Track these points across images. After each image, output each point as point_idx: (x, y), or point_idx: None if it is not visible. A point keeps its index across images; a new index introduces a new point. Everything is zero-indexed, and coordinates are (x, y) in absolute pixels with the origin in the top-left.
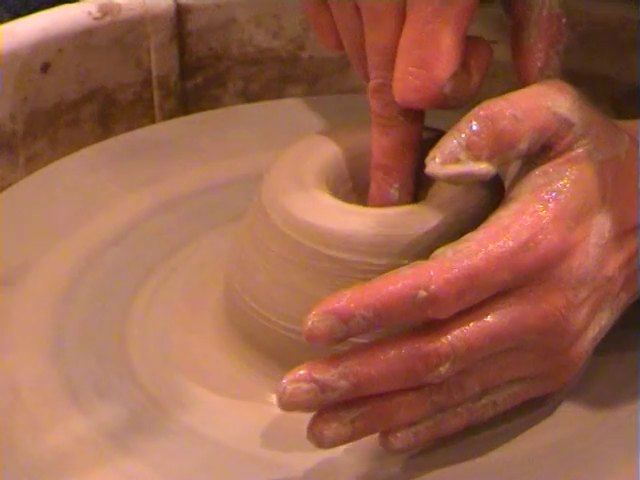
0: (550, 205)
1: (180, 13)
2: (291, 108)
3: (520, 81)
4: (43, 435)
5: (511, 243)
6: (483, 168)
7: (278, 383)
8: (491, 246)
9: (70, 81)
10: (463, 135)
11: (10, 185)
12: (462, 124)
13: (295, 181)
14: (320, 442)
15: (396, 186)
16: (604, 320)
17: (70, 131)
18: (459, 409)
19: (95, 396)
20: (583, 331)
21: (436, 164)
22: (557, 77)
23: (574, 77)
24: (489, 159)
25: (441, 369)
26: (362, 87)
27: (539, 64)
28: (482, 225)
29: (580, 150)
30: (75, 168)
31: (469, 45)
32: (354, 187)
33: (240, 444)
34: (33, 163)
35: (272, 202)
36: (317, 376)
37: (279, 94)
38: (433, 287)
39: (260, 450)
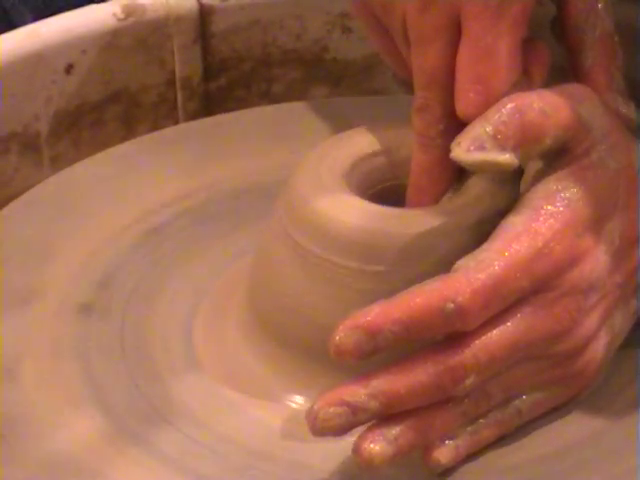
0: (563, 212)
1: (204, 14)
2: (315, 110)
3: None
4: (61, 433)
5: (527, 250)
6: (507, 158)
7: (309, 409)
8: (508, 254)
9: (94, 82)
10: (491, 123)
11: (34, 185)
12: (490, 113)
13: (320, 184)
14: (370, 463)
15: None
16: (616, 327)
17: (94, 132)
18: (489, 420)
19: (116, 395)
20: (594, 336)
21: (461, 149)
22: (624, 92)
23: None
24: (514, 150)
25: (467, 381)
26: (385, 88)
27: (604, 81)
28: (497, 232)
29: (595, 156)
30: (99, 168)
31: (527, 50)
32: (380, 188)
33: (261, 443)
34: (57, 163)
35: (299, 205)
36: (348, 399)
37: (302, 96)
38: (460, 299)
39: (279, 449)
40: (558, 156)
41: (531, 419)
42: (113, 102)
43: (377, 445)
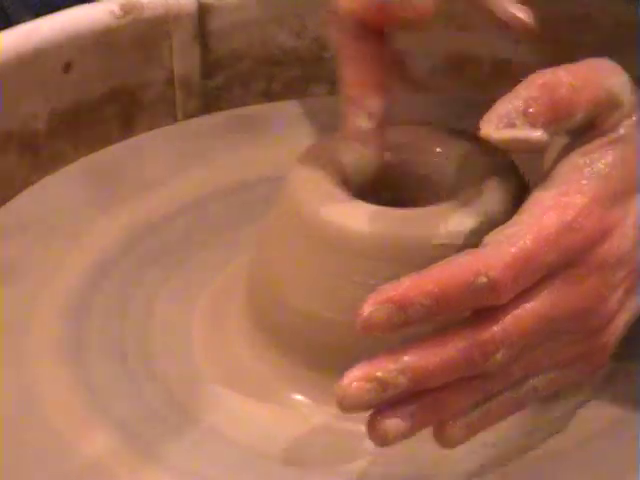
0: (590, 185)
1: (202, 12)
2: (313, 108)
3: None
4: (67, 446)
5: (557, 224)
6: (538, 135)
7: (336, 384)
8: (538, 228)
9: (92, 80)
10: (521, 100)
11: (32, 184)
12: (520, 90)
13: (318, 182)
14: (384, 440)
15: (364, 116)
16: (634, 304)
17: (92, 130)
18: (503, 397)
19: (118, 400)
20: (617, 313)
21: (490, 127)
22: None
23: None
24: (545, 127)
25: (497, 356)
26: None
27: None
28: (525, 206)
29: (623, 131)
30: (95, 167)
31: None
32: (378, 187)
33: (267, 447)
34: (55, 162)
35: (302, 211)
36: (379, 374)
37: (301, 94)
38: (492, 273)
39: (285, 452)
40: (585, 130)
41: (545, 395)
42: (111, 100)
43: (392, 421)
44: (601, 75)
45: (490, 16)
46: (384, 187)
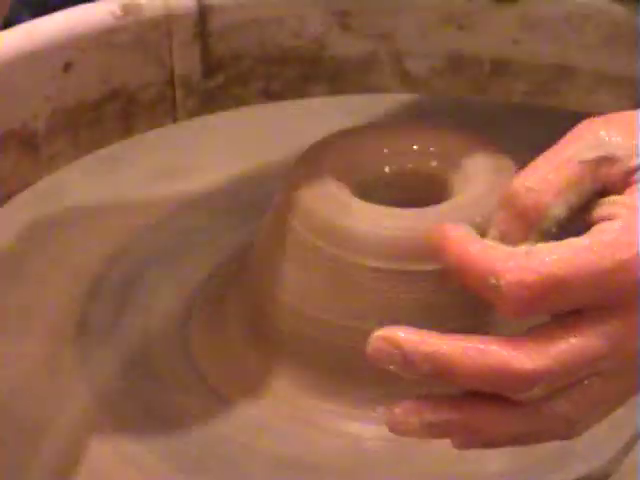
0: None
1: (203, 12)
2: (312, 107)
3: None
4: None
5: (609, 261)
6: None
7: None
8: (587, 259)
9: (92, 80)
10: (495, 225)
11: (32, 184)
12: (494, 212)
13: (319, 182)
14: (396, 432)
15: None
16: None
17: (92, 130)
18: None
19: (119, 399)
20: None
21: None
22: None
23: (597, 78)
24: (526, 239)
25: (535, 390)
26: (384, 87)
27: None
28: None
29: None
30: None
31: None
32: (373, 187)
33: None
34: (55, 162)
35: (300, 204)
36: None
37: (300, 93)
38: (503, 281)
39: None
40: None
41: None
42: (111, 100)
43: (411, 423)
44: (567, 151)
45: None
46: (384, 187)
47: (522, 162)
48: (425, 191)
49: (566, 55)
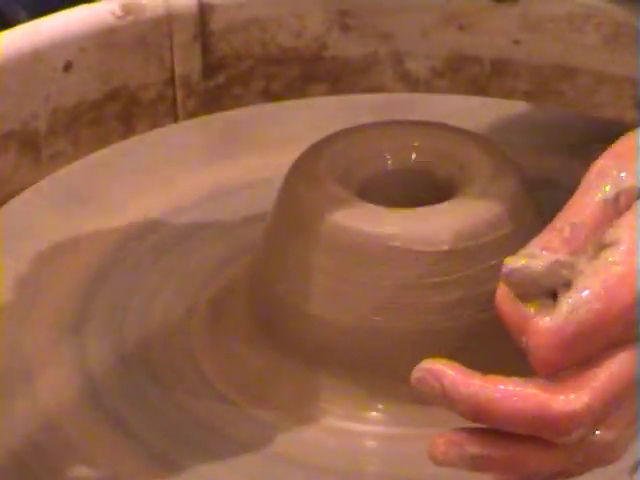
0: None
1: (203, 12)
2: (313, 107)
3: None
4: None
5: (629, 296)
6: None
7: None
8: (610, 298)
9: (92, 80)
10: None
11: (33, 183)
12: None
13: (319, 182)
14: (435, 461)
15: None
16: None
17: (92, 130)
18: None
19: (118, 398)
20: None
21: None
22: None
23: (597, 78)
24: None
25: (576, 433)
26: (384, 87)
27: None
28: (594, 270)
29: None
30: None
31: None
32: (374, 186)
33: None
34: (55, 162)
35: (300, 205)
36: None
37: (301, 93)
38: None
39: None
40: None
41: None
42: (112, 100)
43: (450, 454)
44: (596, 191)
45: None
46: (384, 187)
47: (522, 162)
48: (425, 191)
49: (566, 55)
